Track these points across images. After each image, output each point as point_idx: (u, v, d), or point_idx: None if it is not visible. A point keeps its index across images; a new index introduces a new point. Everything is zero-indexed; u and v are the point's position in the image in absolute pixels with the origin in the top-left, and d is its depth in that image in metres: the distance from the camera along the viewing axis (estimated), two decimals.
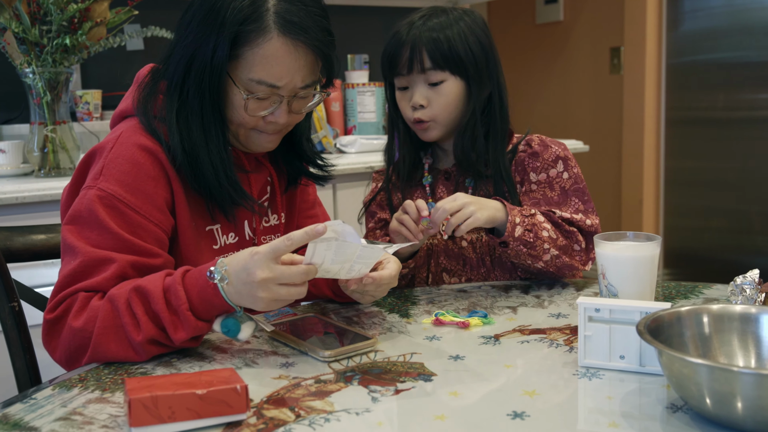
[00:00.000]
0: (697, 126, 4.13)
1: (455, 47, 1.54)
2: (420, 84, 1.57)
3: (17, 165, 2.43)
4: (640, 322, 0.99)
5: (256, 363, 1.14)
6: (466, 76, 1.57)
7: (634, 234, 1.29)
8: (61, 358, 1.20)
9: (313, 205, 1.60)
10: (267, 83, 1.26)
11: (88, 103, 2.74)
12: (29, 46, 2.24)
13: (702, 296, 1.44)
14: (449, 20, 1.57)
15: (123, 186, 1.24)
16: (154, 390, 0.91)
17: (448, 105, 1.57)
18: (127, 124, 1.32)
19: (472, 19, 1.60)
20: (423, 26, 1.56)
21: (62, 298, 1.19)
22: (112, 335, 1.15)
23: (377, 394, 1.02)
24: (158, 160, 1.28)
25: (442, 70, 1.55)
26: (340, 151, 2.95)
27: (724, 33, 3.96)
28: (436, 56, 1.54)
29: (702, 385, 0.87)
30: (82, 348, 1.17)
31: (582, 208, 1.56)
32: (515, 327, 1.29)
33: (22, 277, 1.56)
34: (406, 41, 1.56)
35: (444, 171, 1.66)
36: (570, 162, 1.59)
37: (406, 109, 1.60)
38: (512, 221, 1.45)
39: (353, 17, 3.44)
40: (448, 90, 1.56)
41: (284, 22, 1.24)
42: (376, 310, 1.40)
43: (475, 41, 1.57)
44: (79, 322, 1.16)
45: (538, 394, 1.00)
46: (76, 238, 1.22)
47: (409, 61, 1.56)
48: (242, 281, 1.11)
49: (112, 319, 1.15)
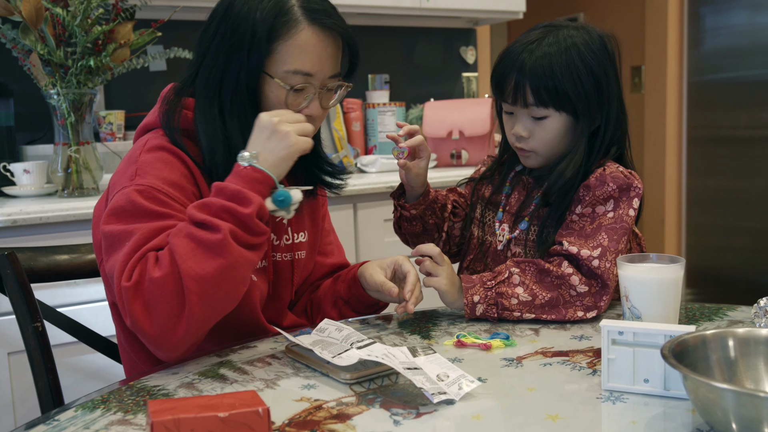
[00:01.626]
0: (719, 145, 4.10)
1: (561, 83, 1.45)
2: (523, 116, 1.51)
3: (41, 185, 2.45)
4: (664, 346, 0.98)
5: (278, 385, 1.14)
6: (573, 111, 1.48)
7: (658, 256, 1.28)
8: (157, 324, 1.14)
9: (328, 233, 1.65)
10: (303, 72, 1.33)
11: (111, 123, 2.77)
12: (54, 68, 2.27)
13: (726, 318, 1.42)
14: (560, 47, 1.46)
15: (159, 179, 1.27)
16: (176, 412, 0.91)
17: (551, 140, 1.50)
18: (150, 135, 1.37)
19: (585, 42, 1.48)
20: (531, 55, 1.46)
21: (134, 265, 1.16)
22: (199, 254, 1.14)
23: (399, 417, 1.01)
24: (185, 162, 1.33)
25: (546, 107, 1.47)
26: (361, 171, 2.96)
27: (746, 51, 3.94)
28: (539, 92, 1.46)
29: (728, 410, 0.86)
30: (176, 293, 1.13)
31: (605, 244, 1.42)
32: (538, 349, 1.28)
33: (45, 297, 1.57)
34: (514, 68, 1.48)
35: (524, 180, 1.60)
36: (621, 204, 1.46)
37: (508, 133, 1.56)
38: (469, 302, 1.42)
39: (374, 37, 3.46)
40: (551, 125, 1.49)
41: (310, 11, 1.34)
42: (398, 331, 1.40)
43: (586, 73, 1.46)
44: (159, 271, 1.14)
45: (561, 419, 1.00)
46: (124, 225, 1.21)
47: (514, 92, 1.48)
48: (264, 138, 1.26)
49: (189, 241, 1.15)
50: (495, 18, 3.61)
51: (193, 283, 1.13)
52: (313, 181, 1.51)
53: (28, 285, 1.45)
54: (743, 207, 3.98)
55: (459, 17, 3.54)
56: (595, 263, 1.40)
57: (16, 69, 2.43)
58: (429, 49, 3.65)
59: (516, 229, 1.55)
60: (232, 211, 1.18)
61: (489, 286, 1.42)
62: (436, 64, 3.67)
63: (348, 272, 1.55)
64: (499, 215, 1.59)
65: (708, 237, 4.22)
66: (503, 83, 1.50)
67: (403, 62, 3.59)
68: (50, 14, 2.21)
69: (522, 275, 1.42)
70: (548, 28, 1.51)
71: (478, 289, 1.42)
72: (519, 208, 1.57)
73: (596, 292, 1.41)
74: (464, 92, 3.72)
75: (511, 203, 1.59)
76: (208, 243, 1.15)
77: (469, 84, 3.72)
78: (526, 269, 1.43)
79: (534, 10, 4.08)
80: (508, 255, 1.57)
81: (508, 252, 1.57)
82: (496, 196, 1.63)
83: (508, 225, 1.57)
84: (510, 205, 1.59)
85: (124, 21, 2.31)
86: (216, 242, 1.15)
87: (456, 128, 3.05)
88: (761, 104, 3.90)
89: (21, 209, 2.08)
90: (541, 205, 1.53)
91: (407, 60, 3.60)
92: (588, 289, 1.40)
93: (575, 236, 1.45)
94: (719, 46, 4.06)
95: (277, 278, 1.48)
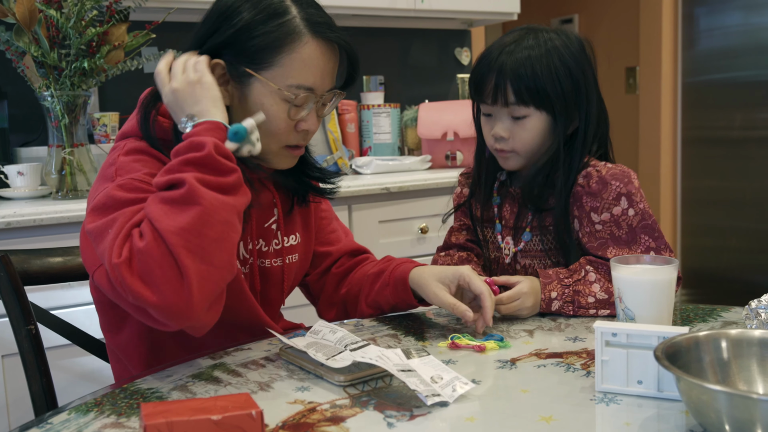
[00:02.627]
0: (713, 145, 4.11)
1: (541, 82, 1.48)
2: (503, 116, 1.52)
3: (35, 187, 2.45)
4: (657, 347, 0.98)
5: (272, 387, 1.14)
6: (552, 111, 1.50)
7: (652, 257, 1.28)
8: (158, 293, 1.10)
9: (330, 221, 1.62)
10: (305, 87, 1.31)
11: (105, 125, 2.76)
12: (48, 70, 2.26)
13: (720, 319, 1.42)
14: (540, 50, 1.49)
15: (140, 174, 1.25)
16: (169, 415, 0.91)
17: (532, 139, 1.52)
18: (126, 140, 1.34)
19: (564, 44, 1.51)
20: (511, 55, 1.49)
21: (121, 243, 1.12)
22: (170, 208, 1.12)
23: (393, 419, 1.01)
24: (163, 163, 1.29)
25: (527, 105, 1.49)
26: (356, 172, 2.96)
27: (740, 52, 3.94)
28: (520, 91, 1.48)
29: (721, 412, 0.86)
30: (165, 255, 1.10)
31: (653, 245, 1.47)
32: (532, 351, 1.28)
33: (39, 299, 1.57)
34: (492, 68, 1.50)
35: (512, 192, 1.62)
36: (634, 197, 1.49)
37: (487, 135, 1.56)
38: (546, 297, 1.44)
39: (369, 39, 3.45)
40: (531, 125, 1.51)
41: (314, 24, 1.31)
42: (392, 333, 1.40)
43: (565, 73, 1.49)
44: (143, 241, 1.11)
45: (555, 420, 1.00)
46: (107, 217, 1.18)
47: (494, 92, 1.50)
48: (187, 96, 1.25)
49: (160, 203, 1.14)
50: (489, 19, 3.61)
51: (175, 237, 1.10)
52: (303, 189, 1.49)
53: (21, 287, 1.44)
54: (738, 207, 3.98)
55: (453, 18, 3.54)
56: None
57: (10, 71, 2.42)
58: (424, 51, 3.65)
59: (520, 242, 1.57)
60: (190, 160, 1.16)
61: (566, 283, 1.45)
62: (431, 66, 3.67)
63: (390, 274, 1.48)
64: (497, 228, 1.60)
65: (703, 238, 4.23)
66: (483, 84, 1.52)
67: (398, 63, 3.59)
68: (44, 16, 2.21)
69: (596, 273, 1.46)
70: (526, 30, 1.54)
71: (555, 285, 1.45)
72: (516, 220, 1.58)
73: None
74: (459, 94, 3.72)
75: (506, 216, 1.61)
76: (178, 198, 1.13)
77: (463, 85, 3.72)
78: (599, 267, 1.47)
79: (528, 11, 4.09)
80: (516, 268, 1.60)
81: (516, 265, 1.60)
82: (487, 212, 1.64)
83: (510, 238, 1.59)
84: (505, 218, 1.61)
85: (119, 23, 2.31)
86: (184, 193, 1.12)
87: (451, 129, 3.05)
88: (756, 105, 3.91)
89: (15, 211, 2.07)
90: (536, 213, 1.54)
91: (402, 61, 3.60)
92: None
93: (612, 246, 1.48)
94: (713, 47, 4.07)
95: (267, 284, 1.47)
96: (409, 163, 3.00)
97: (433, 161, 3.10)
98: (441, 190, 2.80)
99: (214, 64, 1.31)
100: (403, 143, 3.34)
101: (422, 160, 3.04)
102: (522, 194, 1.57)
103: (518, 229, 1.58)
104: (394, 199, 2.70)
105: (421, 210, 2.76)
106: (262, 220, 1.44)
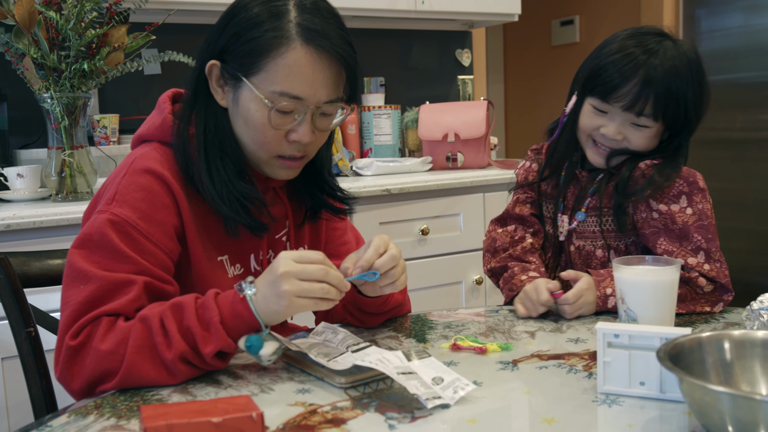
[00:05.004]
0: (715, 147, 4.10)
1: (682, 105, 1.49)
2: (621, 118, 1.51)
3: (35, 189, 2.44)
4: (660, 349, 0.97)
5: (273, 389, 1.13)
6: (672, 125, 1.53)
7: (654, 258, 1.27)
8: (82, 385, 1.16)
9: (344, 232, 1.57)
10: (290, 95, 1.25)
11: (105, 127, 2.76)
12: (47, 72, 2.26)
13: (723, 320, 1.42)
14: (682, 60, 1.49)
15: (136, 212, 1.23)
16: (169, 418, 0.90)
17: (644, 146, 1.53)
18: (142, 150, 1.32)
19: (696, 55, 1.53)
20: (660, 66, 1.47)
21: (84, 324, 1.16)
22: (147, 354, 1.14)
23: (394, 421, 1.01)
24: (170, 188, 1.28)
25: (656, 120, 1.50)
26: (356, 174, 2.95)
27: (742, 53, 3.94)
28: (659, 108, 1.48)
29: (724, 413, 0.86)
30: (110, 372, 1.14)
31: (704, 246, 1.48)
32: (533, 352, 1.27)
33: (38, 302, 1.56)
34: (636, 76, 1.47)
35: (578, 174, 1.64)
36: (695, 197, 1.51)
37: (589, 127, 1.55)
38: (601, 294, 1.46)
39: (369, 40, 3.45)
40: (648, 133, 1.52)
41: (306, 31, 1.24)
42: (393, 334, 1.39)
43: (700, 92, 1.52)
44: (107, 344, 1.14)
45: (557, 422, 0.99)
46: (86, 262, 1.20)
47: (632, 100, 1.48)
48: (267, 282, 1.15)
49: (146, 338, 1.14)
50: (490, 20, 3.61)
51: (133, 374, 1.14)
52: (316, 205, 1.45)
53: (20, 290, 1.44)
54: (739, 209, 3.97)
55: (454, 20, 3.54)
56: (706, 267, 1.46)
57: (10, 73, 2.42)
58: (424, 52, 3.65)
59: (574, 220, 1.60)
60: (193, 341, 1.15)
61: None
62: (432, 67, 3.67)
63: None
64: (560, 206, 1.64)
65: None
66: (619, 85, 1.49)
67: (399, 65, 3.58)
68: (43, 18, 2.20)
69: None
70: (659, 34, 1.52)
71: (609, 282, 1.46)
72: (575, 201, 1.61)
73: (718, 290, 1.47)
74: (460, 95, 3.72)
75: (568, 197, 1.64)
76: (160, 353, 1.14)
77: (464, 86, 3.72)
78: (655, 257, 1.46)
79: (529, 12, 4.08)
80: (570, 249, 1.62)
81: (571, 246, 1.62)
82: (553, 190, 1.66)
83: (567, 216, 1.63)
84: (567, 198, 1.64)
85: (118, 24, 2.30)
86: (165, 359, 1.14)
87: (452, 131, 3.04)
88: (757, 106, 3.90)
89: (14, 213, 2.07)
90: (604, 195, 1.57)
91: (403, 63, 3.60)
92: (713, 288, 1.47)
93: (664, 237, 1.51)
94: (715, 48, 4.06)
95: None
96: (410, 164, 2.99)
97: (434, 163, 3.09)
98: (442, 192, 2.79)
99: (211, 65, 1.30)
100: (403, 145, 3.33)
101: (423, 161, 3.03)
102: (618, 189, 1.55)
103: (575, 210, 1.61)
104: (395, 201, 2.69)
105: (422, 212, 2.75)
106: (274, 231, 1.42)
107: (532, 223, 1.68)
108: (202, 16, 2.88)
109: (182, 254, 1.30)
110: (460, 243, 2.84)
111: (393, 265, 1.26)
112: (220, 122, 1.32)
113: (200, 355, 1.15)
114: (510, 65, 5.25)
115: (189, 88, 1.34)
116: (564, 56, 4.69)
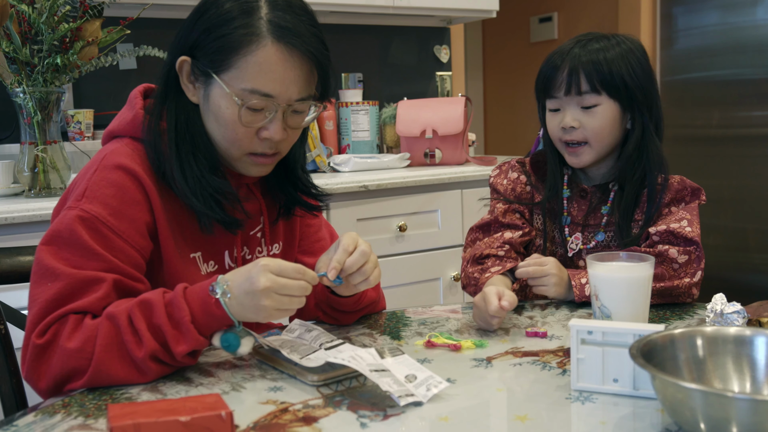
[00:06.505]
0: (692, 144, 4.13)
1: (616, 68, 1.52)
2: (572, 106, 1.55)
3: (7, 185, 2.41)
4: (633, 345, 0.97)
5: (244, 387, 1.12)
6: (624, 100, 1.54)
7: (628, 254, 1.27)
8: (48, 384, 1.14)
9: (318, 228, 1.56)
10: (261, 92, 1.24)
11: (80, 122, 2.73)
12: (20, 66, 2.23)
13: (697, 317, 1.42)
14: (610, 43, 1.55)
15: (106, 208, 1.22)
16: (136, 417, 0.89)
17: (603, 128, 1.55)
18: (113, 146, 1.30)
19: (633, 43, 1.57)
20: (582, 49, 1.54)
21: (51, 321, 1.15)
22: (116, 352, 1.13)
23: (366, 419, 1.00)
24: (141, 184, 1.26)
25: (599, 93, 1.53)
26: (334, 170, 2.94)
27: (718, 51, 3.96)
28: (593, 79, 1.53)
29: (697, 410, 0.86)
30: (78, 370, 1.13)
31: (689, 218, 1.52)
32: (508, 349, 1.27)
33: (8, 299, 1.54)
34: (564, 63, 1.55)
35: (581, 189, 1.64)
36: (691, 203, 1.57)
37: (555, 130, 1.59)
38: (577, 283, 1.47)
39: (347, 36, 3.44)
40: (602, 113, 1.54)
41: (277, 28, 1.23)
42: (367, 331, 1.38)
43: (636, 64, 1.54)
44: (74, 342, 1.12)
45: (530, 419, 0.99)
46: (55, 259, 1.18)
47: (567, 83, 1.54)
48: (245, 291, 1.13)
49: (114, 336, 1.13)
50: (469, 17, 3.61)
51: (102, 373, 1.12)
52: (290, 202, 1.44)
53: None
54: (716, 206, 4.00)
55: (432, 16, 3.54)
56: (688, 229, 1.49)
57: None
58: (403, 48, 3.64)
59: (593, 240, 1.60)
60: (163, 339, 1.13)
61: None
62: (410, 63, 3.66)
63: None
64: (566, 220, 1.63)
65: None
66: (554, 76, 1.56)
67: (377, 61, 3.57)
68: (15, 11, 2.17)
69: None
70: (594, 34, 1.59)
71: (584, 274, 1.47)
72: (585, 218, 1.61)
73: (696, 258, 1.49)
74: (438, 91, 3.72)
75: (573, 213, 1.63)
76: (129, 351, 1.13)
77: (443, 83, 3.71)
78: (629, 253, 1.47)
79: (507, 9, 4.09)
80: (580, 264, 1.61)
81: (580, 261, 1.62)
82: (553, 203, 1.65)
83: (579, 233, 1.62)
84: (572, 215, 1.63)
85: (92, 18, 2.27)
86: (135, 357, 1.13)
87: (429, 127, 3.04)
88: (733, 103, 3.92)
89: None
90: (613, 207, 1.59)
91: (381, 59, 3.59)
92: (688, 257, 1.49)
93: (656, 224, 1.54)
94: (691, 46, 4.08)
95: None
96: (388, 160, 2.98)
97: (412, 159, 3.08)
98: (420, 188, 2.79)
99: (181, 61, 1.28)
100: (381, 141, 3.32)
101: (401, 157, 3.02)
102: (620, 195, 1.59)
103: (588, 227, 1.61)
104: (373, 197, 2.69)
105: (400, 208, 2.75)
106: (248, 228, 1.41)
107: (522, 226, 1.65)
108: (178, 11, 2.85)
109: (154, 251, 1.28)
110: (438, 239, 2.84)
111: (364, 261, 1.25)
112: (192, 118, 1.30)
113: (171, 354, 1.14)
114: (488, 62, 5.26)
115: (160, 83, 1.33)
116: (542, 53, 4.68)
